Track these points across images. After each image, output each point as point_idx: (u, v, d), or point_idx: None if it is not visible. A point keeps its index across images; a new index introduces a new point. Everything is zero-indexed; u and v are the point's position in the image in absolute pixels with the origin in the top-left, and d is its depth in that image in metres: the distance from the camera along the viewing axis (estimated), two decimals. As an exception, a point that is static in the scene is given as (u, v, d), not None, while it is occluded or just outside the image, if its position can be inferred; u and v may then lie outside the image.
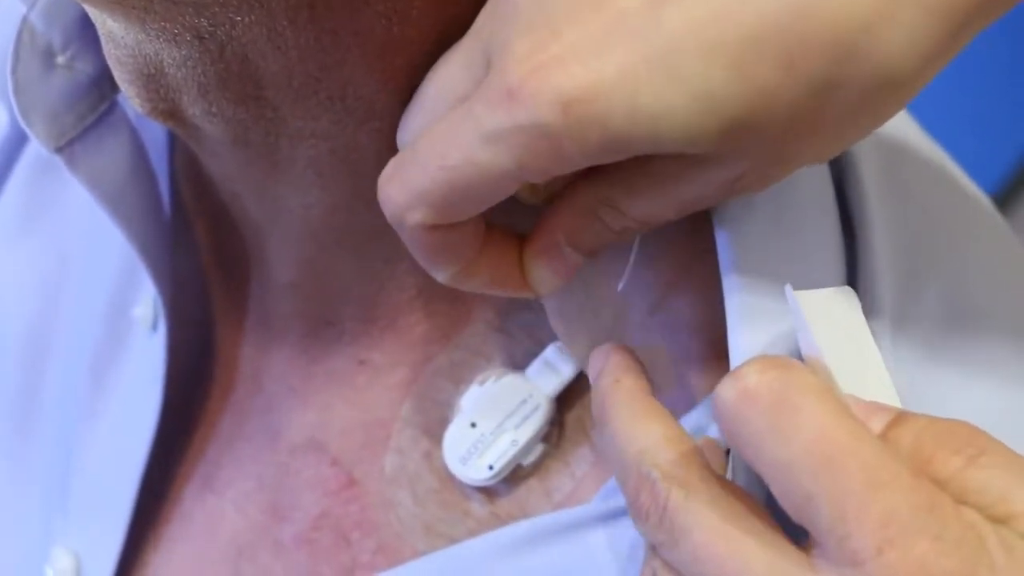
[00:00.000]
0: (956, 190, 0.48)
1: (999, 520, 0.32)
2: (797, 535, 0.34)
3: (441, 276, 0.40)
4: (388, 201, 0.38)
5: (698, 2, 0.34)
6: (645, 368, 0.40)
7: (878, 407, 0.35)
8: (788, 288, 0.38)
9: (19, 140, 0.57)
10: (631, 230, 0.40)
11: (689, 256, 0.43)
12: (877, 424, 0.34)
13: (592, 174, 0.39)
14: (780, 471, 0.33)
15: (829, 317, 0.37)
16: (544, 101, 0.34)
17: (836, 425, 0.32)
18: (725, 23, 0.33)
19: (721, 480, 0.35)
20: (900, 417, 0.34)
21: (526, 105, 0.34)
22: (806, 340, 0.37)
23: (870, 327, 0.38)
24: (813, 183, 0.43)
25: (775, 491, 0.33)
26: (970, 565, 0.31)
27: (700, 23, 0.33)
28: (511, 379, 0.45)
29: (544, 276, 0.41)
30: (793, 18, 0.33)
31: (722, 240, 0.40)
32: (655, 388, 0.40)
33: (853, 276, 0.43)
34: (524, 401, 0.44)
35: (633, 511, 0.36)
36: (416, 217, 0.38)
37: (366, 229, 0.45)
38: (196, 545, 0.50)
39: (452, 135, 0.36)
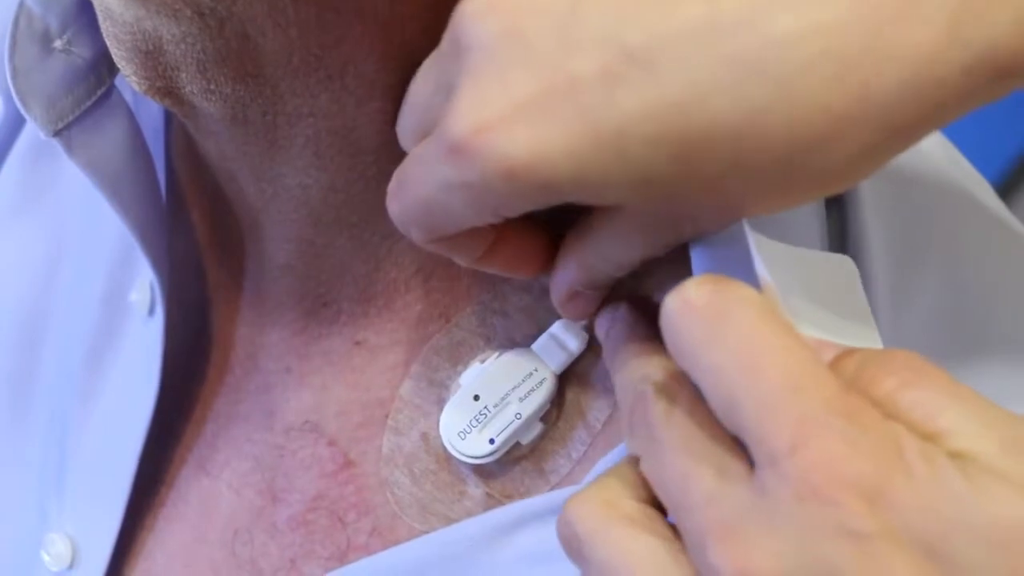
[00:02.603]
0: (952, 172, 0.48)
1: (928, 437, 0.32)
2: None
3: (461, 263, 0.42)
4: (392, 216, 0.40)
5: (652, 89, 0.34)
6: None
7: (830, 343, 0.35)
8: (744, 221, 0.38)
9: (15, 125, 0.57)
10: (633, 267, 0.41)
11: None
12: (825, 356, 0.34)
13: (577, 239, 0.41)
14: (709, 375, 0.33)
15: (796, 262, 0.38)
16: (488, 165, 0.35)
17: (765, 331, 0.33)
18: (677, 117, 0.34)
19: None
20: (849, 350, 0.35)
21: (471, 165, 0.35)
22: (760, 270, 0.37)
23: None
24: None
25: (707, 398, 0.33)
26: (885, 471, 0.31)
27: (652, 111, 0.34)
28: (517, 353, 0.45)
29: (577, 312, 0.43)
30: (747, 126, 0.34)
31: None
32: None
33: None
34: (530, 374, 0.44)
35: (626, 428, 0.37)
36: (414, 234, 0.40)
37: (364, 208, 0.46)
38: (192, 527, 0.50)
39: (420, 172, 0.38)
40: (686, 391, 0.35)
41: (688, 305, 0.33)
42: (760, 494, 0.32)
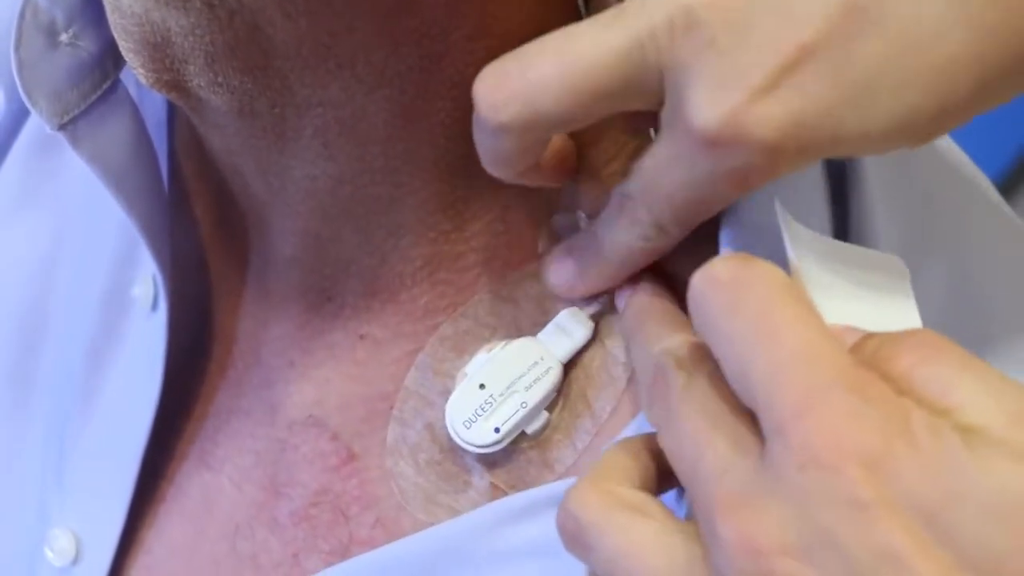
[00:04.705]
0: (954, 167, 0.49)
1: (940, 413, 0.32)
2: None
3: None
4: (661, 222, 0.41)
5: (887, 36, 0.36)
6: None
7: (854, 329, 0.36)
8: (777, 203, 0.39)
9: (17, 119, 0.57)
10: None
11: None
12: (849, 340, 0.35)
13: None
14: (725, 344, 0.33)
15: (829, 251, 0.38)
16: (751, 146, 0.36)
17: (782, 304, 0.33)
18: (920, 55, 0.36)
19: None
20: (871, 333, 0.35)
21: (733, 151, 0.37)
22: (790, 253, 0.38)
23: None
24: None
25: (723, 368, 0.34)
26: (888, 442, 0.31)
27: (895, 56, 0.36)
28: (522, 342, 0.45)
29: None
30: (989, 46, 0.36)
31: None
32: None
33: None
34: (536, 363, 0.44)
35: (645, 400, 0.37)
36: (676, 232, 0.41)
37: (371, 201, 0.46)
38: (193, 522, 0.50)
39: (676, 174, 0.39)
40: (706, 365, 0.36)
41: (713, 279, 0.34)
42: (766, 464, 0.32)
